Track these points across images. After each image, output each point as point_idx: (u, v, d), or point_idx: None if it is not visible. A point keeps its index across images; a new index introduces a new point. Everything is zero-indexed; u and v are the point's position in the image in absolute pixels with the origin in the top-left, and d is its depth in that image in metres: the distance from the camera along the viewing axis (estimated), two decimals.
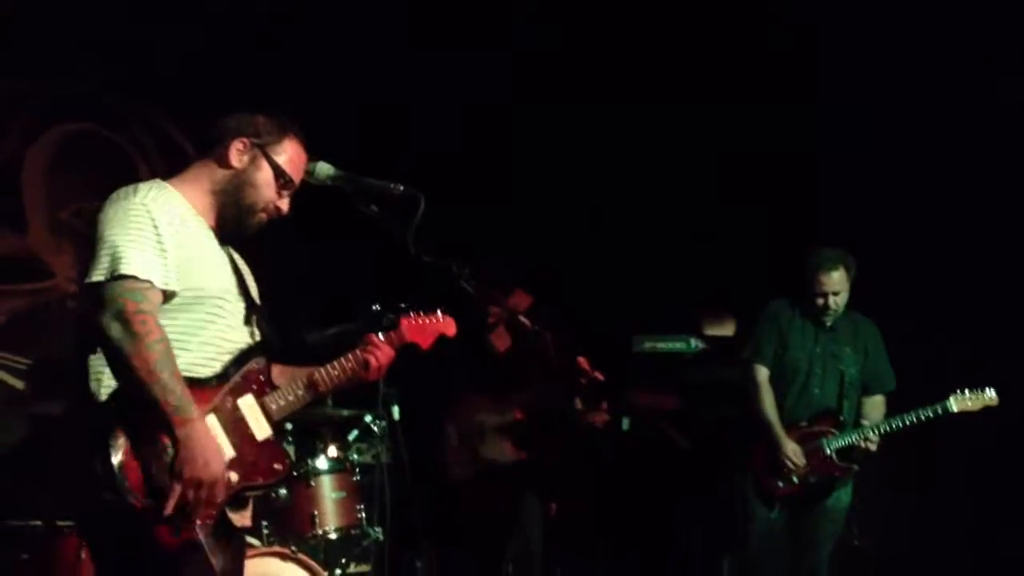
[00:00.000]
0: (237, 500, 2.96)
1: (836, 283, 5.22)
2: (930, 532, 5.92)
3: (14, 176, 5.80)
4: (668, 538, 6.14)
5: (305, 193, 3.20)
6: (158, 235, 2.85)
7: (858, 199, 6.15)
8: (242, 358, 3.00)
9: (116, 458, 2.73)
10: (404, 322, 3.31)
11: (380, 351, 3.20)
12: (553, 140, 6.57)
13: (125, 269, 2.79)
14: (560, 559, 5.68)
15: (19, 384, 5.61)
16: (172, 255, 2.87)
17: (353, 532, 4.96)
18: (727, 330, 6.43)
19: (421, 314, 3.36)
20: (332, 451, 5.10)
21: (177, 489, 2.75)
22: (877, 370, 5.37)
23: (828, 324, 5.33)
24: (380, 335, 3.23)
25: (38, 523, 4.47)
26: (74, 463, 2.83)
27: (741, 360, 5.45)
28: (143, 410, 2.77)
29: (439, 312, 3.40)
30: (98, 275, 2.81)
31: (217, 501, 2.82)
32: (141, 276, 2.79)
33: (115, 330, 2.76)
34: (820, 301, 5.25)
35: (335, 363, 3.16)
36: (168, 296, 2.87)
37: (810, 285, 5.26)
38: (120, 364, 2.78)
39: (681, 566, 6.06)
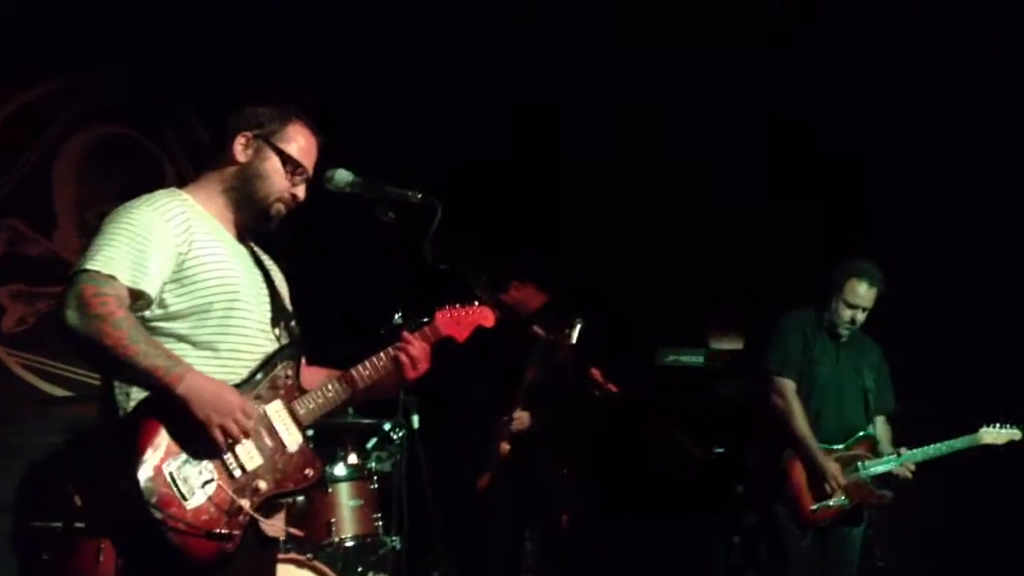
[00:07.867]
0: (268, 507, 2.92)
1: (871, 299, 5.03)
2: (952, 550, 5.81)
3: (46, 177, 5.85)
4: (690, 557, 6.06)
5: (322, 201, 3.18)
6: (146, 240, 2.79)
7: (889, 214, 6.03)
8: (268, 363, 2.96)
9: (143, 474, 2.69)
10: (439, 315, 3.24)
11: (412, 347, 3.12)
12: (579, 149, 6.53)
13: (89, 264, 2.74)
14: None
15: (47, 387, 5.64)
16: (165, 263, 2.81)
17: (369, 541, 4.96)
18: (734, 344, 6.32)
19: (457, 306, 3.27)
20: (352, 458, 5.10)
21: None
22: (886, 390, 5.20)
23: (843, 339, 5.13)
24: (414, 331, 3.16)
25: (58, 525, 4.52)
26: (102, 478, 2.80)
27: (760, 371, 5.13)
28: (171, 421, 2.74)
29: (476, 303, 3.29)
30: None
31: (250, 427, 2.80)
32: (103, 271, 2.74)
33: (73, 317, 2.67)
34: (848, 314, 5.03)
35: (367, 362, 3.11)
36: (138, 296, 2.79)
37: (842, 295, 5.02)
38: (93, 352, 2.71)
39: None
